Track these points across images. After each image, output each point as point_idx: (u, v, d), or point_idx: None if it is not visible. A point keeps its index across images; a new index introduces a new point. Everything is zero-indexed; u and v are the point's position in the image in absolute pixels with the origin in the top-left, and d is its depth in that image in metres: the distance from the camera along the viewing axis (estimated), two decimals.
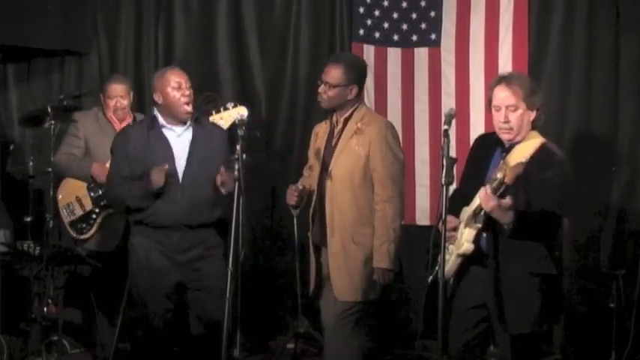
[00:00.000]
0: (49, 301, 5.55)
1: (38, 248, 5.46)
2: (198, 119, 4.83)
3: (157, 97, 4.73)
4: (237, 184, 4.20)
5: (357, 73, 4.65)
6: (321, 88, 4.64)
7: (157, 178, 4.58)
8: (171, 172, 4.66)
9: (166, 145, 4.72)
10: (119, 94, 5.70)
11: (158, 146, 4.71)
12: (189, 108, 4.72)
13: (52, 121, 5.64)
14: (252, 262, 6.36)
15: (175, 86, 4.68)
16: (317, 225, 4.70)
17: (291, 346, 6.06)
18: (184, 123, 4.75)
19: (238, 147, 4.23)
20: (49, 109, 5.65)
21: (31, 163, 5.74)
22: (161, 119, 4.75)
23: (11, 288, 5.73)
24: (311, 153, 4.87)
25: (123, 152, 4.75)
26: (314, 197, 4.69)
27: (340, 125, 4.67)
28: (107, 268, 5.40)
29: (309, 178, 4.84)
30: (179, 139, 4.74)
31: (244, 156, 4.25)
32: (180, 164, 4.71)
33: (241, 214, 4.29)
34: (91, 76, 6.63)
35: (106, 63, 6.64)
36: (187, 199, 4.67)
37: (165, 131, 4.74)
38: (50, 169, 5.62)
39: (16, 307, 5.76)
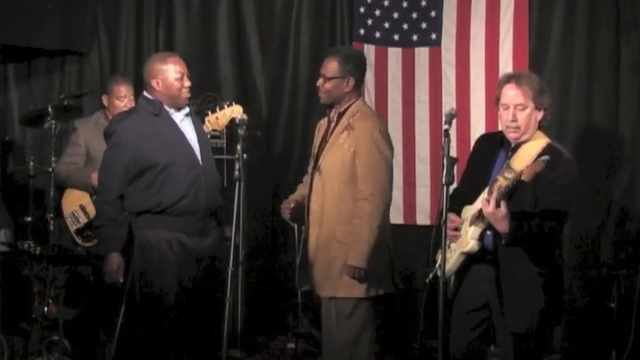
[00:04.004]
0: (50, 300, 5.55)
1: (39, 248, 5.45)
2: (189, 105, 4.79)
3: (156, 84, 4.64)
4: (237, 184, 4.20)
5: (353, 65, 4.59)
6: (319, 82, 4.62)
7: (111, 277, 4.58)
8: (192, 159, 4.61)
9: (177, 129, 4.66)
10: (130, 95, 5.68)
11: (170, 131, 4.64)
12: (189, 95, 4.69)
13: (53, 121, 5.65)
14: (252, 262, 6.36)
15: (178, 77, 4.63)
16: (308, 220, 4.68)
17: (291, 345, 6.06)
18: (182, 108, 4.71)
19: (239, 147, 4.23)
20: (50, 109, 5.67)
21: (31, 163, 5.73)
22: (165, 105, 4.66)
23: (12, 288, 5.72)
24: (313, 149, 4.84)
25: (130, 147, 4.55)
26: (308, 193, 4.68)
27: (335, 121, 4.65)
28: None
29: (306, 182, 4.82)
30: (183, 124, 4.70)
31: (245, 155, 4.25)
32: (195, 147, 4.66)
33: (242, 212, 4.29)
34: (91, 75, 6.63)
35: (106, 63, 6.64)
36: (210, 182, 4.65)
37: (171, 116, 4.68)
38: (51, 169, 5.62)
39: (16, 306, 5.76)
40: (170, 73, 4.63)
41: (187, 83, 4.66)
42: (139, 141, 4.57)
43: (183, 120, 4.70)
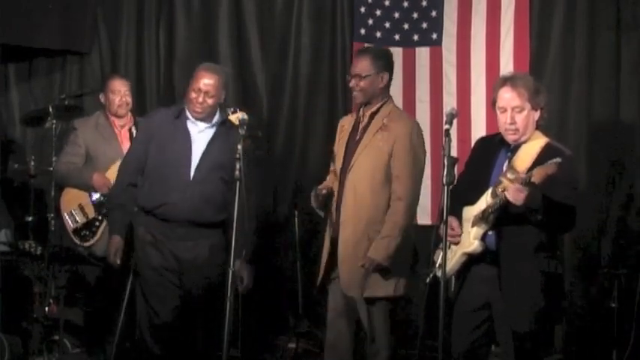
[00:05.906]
0: (51, 300, 5.55)
1: (39, 248, 5.45)
2: (225, 122, 4.80)
3: (185, 90, 4.81)
4: (237, 184, 4.20)
5: (384, 61, 4.63)
6: (352, 82, 4.61)
7: (109, 259, 4.75)
8: (185, 166, 4.69)
9: (187, 138, 4.74)
10: (124, 90, 5.71)
11: (179, 136, 4.74)
12: (198, 110, 4.72)
13: (54, 121, 5.65)
14: (252, 262, 6.35)
15: (195, 87, 4.70)
16: (337, 218, 4.65)
17: (292, 345, 6.06)
18: (206, 121, 4.77)
19: (239, 146, 4.24)
20: (51, 109, 5.66)
21: (32, 163, 5.73)
22: (187, 112, 4.77)
23: (12, 287, 5.73)
24: (336, 146, 4.81)
25: (147, 135, 4.79)
26: (336, 192, 4.66)
27: (366, 120, 4.63)
28: (109, 271, 5.37)
29: (333, 174, 4.80)
30: (200, 135, 4.76)
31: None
32: (195, 160, 4.72)
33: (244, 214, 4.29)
34: (92, 75, 6.63)
35: (107, 63, 6.64)
36: (197, 197, 4.67)
37: (189, 124, 4.76)
38: (51, 169, 5.62)
39: (17, 306, 5.76)
40: (192, 83, 4.73)
41: (200, 99, 4.70)
42: (151, 136, 4.76)
43: (202, 131, 4.76)
